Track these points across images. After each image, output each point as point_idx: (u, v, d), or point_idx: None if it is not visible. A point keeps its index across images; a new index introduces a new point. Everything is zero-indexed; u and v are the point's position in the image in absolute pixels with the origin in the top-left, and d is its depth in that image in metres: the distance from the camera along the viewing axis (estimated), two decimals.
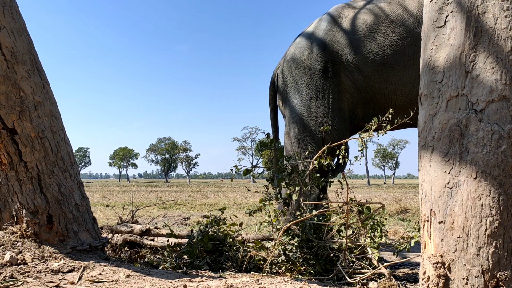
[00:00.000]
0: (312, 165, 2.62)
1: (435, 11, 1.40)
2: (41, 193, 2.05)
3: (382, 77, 3.38)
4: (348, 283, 2.02)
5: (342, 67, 3.49)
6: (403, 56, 3.29)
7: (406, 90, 3.35)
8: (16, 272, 1.68)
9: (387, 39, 3.32)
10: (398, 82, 3.35)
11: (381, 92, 3.44)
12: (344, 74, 3.49)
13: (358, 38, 3.44)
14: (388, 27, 3.35)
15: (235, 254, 2.46)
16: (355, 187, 26.11)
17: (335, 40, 3.52)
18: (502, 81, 1.22)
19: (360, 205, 2.44)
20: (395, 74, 3.33)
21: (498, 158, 1.20)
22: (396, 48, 3.29)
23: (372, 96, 3.50)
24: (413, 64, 3.27)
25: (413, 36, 3.26)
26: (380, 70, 3.37)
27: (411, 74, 3.29)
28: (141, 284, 1.65)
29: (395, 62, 3.31)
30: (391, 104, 3.46)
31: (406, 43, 3.28)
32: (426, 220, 1.37)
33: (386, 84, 3.39)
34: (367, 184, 39.59)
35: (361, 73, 3.43)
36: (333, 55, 3.50)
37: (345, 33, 3.50)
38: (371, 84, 3.44)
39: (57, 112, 2.22)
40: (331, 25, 3.60)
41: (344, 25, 3.54)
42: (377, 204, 2.27)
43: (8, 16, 1.98)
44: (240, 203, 9.87)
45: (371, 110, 3.61)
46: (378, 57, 3.35)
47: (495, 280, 1.19)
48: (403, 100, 3.39)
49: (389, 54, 3.31)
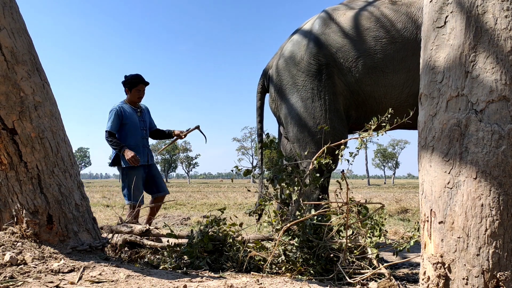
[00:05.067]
0: (312, 165, 2.62)
1: (435, 11, 1.40)
2: (41, 193, 2.05)
3: (372, 80, 3.47)
4: (348, 283, 2.02)
5: (336, 70, 3.57)
6: (392, 60, 3.39)
7: (395, 93, 3.45)
8: (16, 272, 1.68)
9: (377, 43, 3.41)
10: (388, 86, 3.45)
11: (372, 95, 3.54)
12: (337, 77, 3.58)
13: (350, 41, 3.53)
14: (378, 32, 3.44)
15: (235, 254, 2.46)
16: (355, 187, 26.10)
17: (328, 43, 3.60)
18: (502, 81, 1.22)
19: (360, 205, 2.44)
20: (385, 78, 3.43)
21: (498, 158, 1.20)
22: (386, 52, 3.39)
23: (364, 99, 3.60)
24: (402, 68, 3.37)
25: (403, 40, 3.37)
26: (371, 73, 3.47)
27: (400, 78, 3.40)
28: (141, 284, 1.65)
29: (385, 66, 3.41)
30: (381, 107, 3.55)
31: (396, 47, 3.38)
32: (426, 220, 1.37)
33: (376, 87, 3.49)
34: (367, 184, 39.59)
35: (353, 76, 3.52)
36: (326, 58, 3.57)
37: (337, 36, 3.57)
38: (363, 87, 3.53)
39: (57, 113, 2.22)
40: (323, 27, 3.68)
41: (336, 28, 3.62)
42: (377, 204, 2.27)
43: (8, 16, 1.98)
44: (240, 203, 9.87)
45: (363, 113, 3.71)
46: (369, 60, 3.43)
47: (495, 280, 1.19)
48: (392, 103, 3.49)
49: (379, 58, 3.41)
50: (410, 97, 3.41)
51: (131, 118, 3.68)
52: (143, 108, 3.90)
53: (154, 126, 4.03)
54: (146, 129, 3.85)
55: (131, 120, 3.68)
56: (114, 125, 3.61)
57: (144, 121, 3.83)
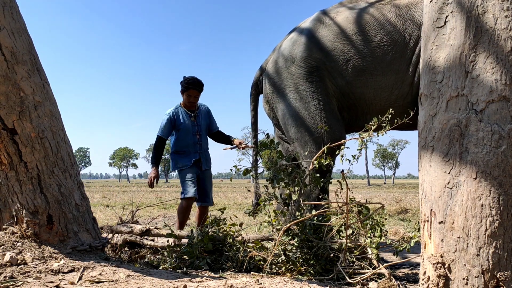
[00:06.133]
0: (312, 165, 2.62)
1: (435, 11, 1.40)
2: (41, 193, 2.05)
3: (362, 82, 3.53)
4: (348, 283, 2.02)
5: (326, 72, 3.63)
6: (381, 62, 3.44)
7: (385, 95, 3.50)
8: (16, 272, 1.68)
9: (366, 46, 3.47)
10: (377, 88, 3.50)
11: (362, 97, 3.59)
12: (328, 79, 3.65)
13: (339, 45, 3.58)
14: (367, 35, 3.50)
15: (235, 255, 2.46)
16: (355, 187, 26.10)
17: (318, 47, 3.66)
18: (502, 81, 1.22)
19: (360, 205, 2.44)
20: (374, 80, 3.49)
21: (498, 158, 1.20)
22: (374, 55, 3.44)
23: (354, 101, 3.66)
24: (391, 70, 3.43)
25: (391, 43, 3.41)
26: (360, 76, 3.53)
27: (389, 80, 3.45)
28: (141, 284, 1.65)
29: (373, 68, 3.46)
30: (372, 108, 3.61)
31: (384, 50, 3.43)
32: (426, 220, 1.37)
33: (366, 90, 3.54)
34: (367, 184, 39.59)
35: (343, 79, 3.58)
36: (317, 61, 3.63)
37: (326, 40, 3.63)
38: (353, 90, 3.59)
39: (57, 112, 2.22)
40: (314, 31, 3.74)
41: (325, 32, 3.68)
42: (377, 204, 2.27)
43: (8, 16, 1.98)
44: (240, 203, 9.87)
45: (354, 115, 3.77)
46: (358, 63, 3.50)
47: (495, 280, 1.19)
48: (382, 105, 3.54)
49: (368, 60, 3.46)
50: (399, 99, 3.46)
51: (184, 123, 3.57)
52: (202, 110, 3.74)
53: (215, 128, 3.86)
54: (201, 133, 3.69)
55: (184, 125, 3.57)
56: (165, 131, 3.52)
57: (199, 125, 3.67)
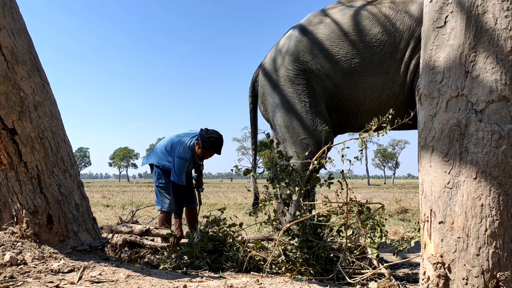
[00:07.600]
0: (312, 165, 2.62)
1: (435, 11, 1.40)
2: (41, 193, 2.05)
3: (351, 84, 3.53)
4: (348, 283, 2.02)
5: (313, 75, 3.65)
6: (370, 63, 3.43)
7: (375, 96, 3.51)
8: (16, 272, 1.68)
9: (354, 47, 3.47)
10: (366, 89, 3.50)
11: (352, 98, 3.60)
12: (315, 82, 3.66)
13: (327, 47, 3.59)
14: (355, 36, 3.49)
15: (235, 254, 2.46)
16: (355, 187, 26.09)
17: (305, 50, 3.68)
18: (502, 81, 1.22)
19: (360, 205, 2.44)
20: (363, 81, 3.49)
21: (498, 158, 1.20)
22: (363, 56, 3.44)
23: (343, 102, 3.67)
24: (380, 71, 3.42)
25: (380, 44, 3.41)
26: (349, 77, 3.53)
27: (379, 80, 3.45)
28: (141, 284, 1.65)
29: (362, 70, 3.46)
30: (361, 109, 3.62)
31: (373, 51, 3.42)
32: (426, 220, 1.37)
33: (355, 91, 3.55)
34: (367, 184, 39.57)
35: (331, 81, 3.59)
36: (304, 64, 3.66)
37: (314, 42, 3.65)
38: (341, 91, 3.60)
39: (57, 112, 2.22)
40: (302, 34, 3.76)
41: (313, 35, 3.69)
42: (377, 204, 2.27)
43: (8, 16, 1.98)
44: (240, 203, 9.88)
45: (344, 116, 3.79)
46: (346, 65, 3.50)
47: (495, 280, 1.19)
48: (372, 105, 3.55)
49: (357, 62, 3.46)
50: (390, 99, 3.46)
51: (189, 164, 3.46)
52: None
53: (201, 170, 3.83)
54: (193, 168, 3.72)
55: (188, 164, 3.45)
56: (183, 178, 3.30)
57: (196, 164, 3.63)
